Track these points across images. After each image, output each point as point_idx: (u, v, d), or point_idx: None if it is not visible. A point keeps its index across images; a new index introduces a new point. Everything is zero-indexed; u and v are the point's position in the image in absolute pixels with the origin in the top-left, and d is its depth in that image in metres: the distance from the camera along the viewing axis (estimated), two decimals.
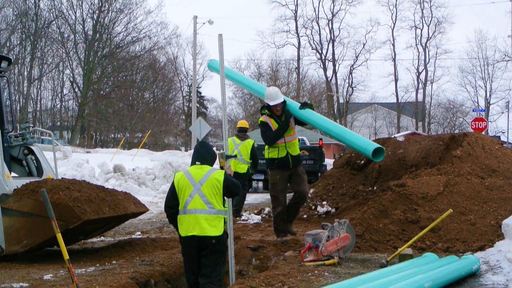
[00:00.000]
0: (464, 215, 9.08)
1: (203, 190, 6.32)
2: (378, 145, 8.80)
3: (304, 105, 9.45)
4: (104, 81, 60.83)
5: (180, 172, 6.54)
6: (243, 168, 12.78)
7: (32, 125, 11.27)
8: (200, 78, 69.01)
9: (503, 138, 53.26)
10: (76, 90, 59.38)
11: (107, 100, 60.34)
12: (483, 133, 21.21)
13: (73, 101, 61.56)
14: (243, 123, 13.68)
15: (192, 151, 36.01)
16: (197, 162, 6.53)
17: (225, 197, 6.58)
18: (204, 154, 6.58)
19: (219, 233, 6.34)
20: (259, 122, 9.57)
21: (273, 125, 9.28)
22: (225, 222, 6.51)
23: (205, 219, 6.29)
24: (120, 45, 60.10)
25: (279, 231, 9.57)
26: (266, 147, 9.50)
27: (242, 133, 13.23)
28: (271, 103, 9.24)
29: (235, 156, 17.52)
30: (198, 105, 61.76)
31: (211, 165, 6.58)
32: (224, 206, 6.50)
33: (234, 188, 6.49)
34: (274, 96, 9.32)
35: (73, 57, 58.67)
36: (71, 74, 59.66)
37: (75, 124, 58.30)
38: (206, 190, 6.32)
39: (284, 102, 9.40)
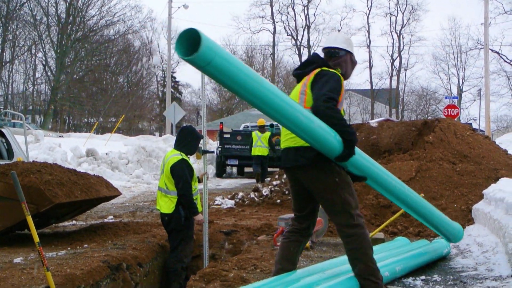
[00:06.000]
0: (436, 200, 9.19)
1: (164, 171, 7.10)
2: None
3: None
4: (78, 65, 60.12)
5: None
6: (264, 151, 18.63)
7: (2, 107, 11.10)
8: (175, 63, 68.63)
9: (474, 126, 53.92)
10: (49, 73, 58.55)
11: (81, 84, 59.64)
12: (455, 120, 21.41)
13: (45, 84, 60.82)
14: (262, 122, 19.08)
15: (165, 136, 35.83)
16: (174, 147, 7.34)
17: (197, 183, 7.39)
18: (178, 139, 7.30)
19: (168, 211, 7.06)
20: (337, 71, 4.90)
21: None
22: (181, 204, 7.05)
23: (160, 196, 7.16)
24: (94, 28, 59.41)
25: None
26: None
27: (261, 128, 18.94)
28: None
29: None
30: (172, 90, 61.37)
31: (189, 148, 7.23)
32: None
33: (177, 176, 6.95)
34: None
35: (46, 40, 57.88)
36: (43, 58, 58.91)
37: (47, 108, 57.53)
38: (165, 171, 7.08)
39: None
